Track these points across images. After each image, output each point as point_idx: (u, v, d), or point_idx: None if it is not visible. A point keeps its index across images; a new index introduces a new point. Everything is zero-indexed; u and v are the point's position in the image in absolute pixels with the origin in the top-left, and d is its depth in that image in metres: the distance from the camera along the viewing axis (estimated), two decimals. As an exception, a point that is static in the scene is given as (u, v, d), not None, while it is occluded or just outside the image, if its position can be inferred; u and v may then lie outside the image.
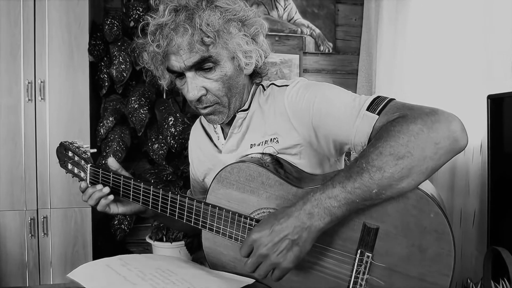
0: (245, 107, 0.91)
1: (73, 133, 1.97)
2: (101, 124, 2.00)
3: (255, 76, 0.92)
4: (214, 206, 0.81)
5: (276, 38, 2.57)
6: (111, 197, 0.93)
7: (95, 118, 2.10)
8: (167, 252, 1.96)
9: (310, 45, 2.64)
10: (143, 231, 2.37)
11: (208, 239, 0.86)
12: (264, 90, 0.91)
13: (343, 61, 2.73)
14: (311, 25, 2.63)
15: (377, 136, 0.68)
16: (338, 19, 2.70)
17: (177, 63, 0.81)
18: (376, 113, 0.72)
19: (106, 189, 0.92)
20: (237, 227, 0.79)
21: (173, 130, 1.91)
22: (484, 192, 1.70)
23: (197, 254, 1.92)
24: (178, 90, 0.91)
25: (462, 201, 1.83)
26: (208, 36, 0.78)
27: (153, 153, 1.97)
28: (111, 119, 2.00)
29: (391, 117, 0.69)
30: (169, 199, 0.87)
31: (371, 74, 2.59)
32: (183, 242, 1.90)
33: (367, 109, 0.73)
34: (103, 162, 1.95)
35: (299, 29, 2.61)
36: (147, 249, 2.38)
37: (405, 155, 0.63)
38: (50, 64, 1.94)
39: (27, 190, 1.94)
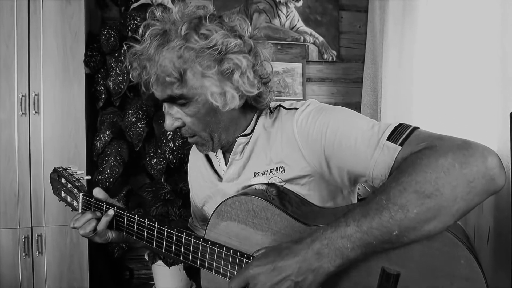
0: (247, 131, 0.83)
1: (69, 147, 1.89)
2: (98, 138, 1.93)
3: (256, 103, 0.81)
4: (213, 243, 0.73)
5: (279, 47, 2.50)
6: (111, 212, 0.86)
7: (92, 131, 2.03)
8: (167, 272, 1.88)
9: (313, 53, 2.57)
10: (142, 248, 2.28)
11: (207, 279, 0.78)
12: (271, 112, 0.83)
13: (347, 69, 2.65)
14: (314, 33, 2.56)
15: (400, 169, 0.59)
16: (342, 26, 2.63)
17: (155, 91, 0.77)
18: (398, 143, 0.63)
19: (111, 212, 0.86)
20: (238, 267, 0.71)
21: (171, 144, 1.83)
22: (499, 209, 1.62)
23: (196, 279, 1.84)
24: None
25: (475, 218, 1.75)
26: (172, 75, 0.72)
27: (152, 168, 1.89)
28: (108, 132, 1.93)
29: (416, 148, 0.61)
30: (165, 233, 0.79)
31: (377, 83, 2.52)
32: (181, 265, 1.81)
33: (388, 139, 0.64)
34: (98, 177, 1.88)
35: (302, 37, 2.54)
36: (147, 265, 2.30)
37: (433, 194, 0.54)
38: (45, 76, 1.87)
39: (21, 207, 1.86)
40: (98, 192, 0.89)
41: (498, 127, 1.66)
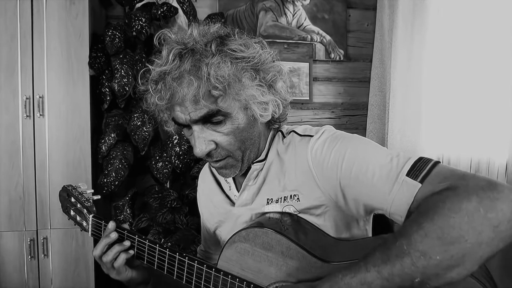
0: (262, 157, 0.80)
1: (74, 150, 1.88)
2: (103, 141, 1.91)
3: (273, 121, 0.81)
4: (226, 274, 0.72)
5: (285, 46, 2.45)
6: (132, 251, 0.83)
7: (97, 134, 2.01)
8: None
9: (320, 52, 2.53)
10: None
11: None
12: (284, 137, 0.81)
13: (355, 68, 2.61)
14: (321, 31, 2.52)
15: (421, 211, 0.56)
16: (350, 25, 2.58)
17: (182, 115, 0.71)
18: (418, 180, 0.60)
19: (127, 242, 0.83)
20: (252, 300, 0.70)
21: (177, 149, 1.81)
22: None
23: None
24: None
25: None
26: (217, 88, 0.67)
27: (157, 172, 1.88)
28: (113, 135, 1.91)
29: (438, 187, 0.58)
30: (176, 260, 0.77)
31: (385, 83, 2.48)
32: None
33: (407, 174, 0.62)
34: (103, 180, 1.86)
35: (309, 36, 2.49)
36: (152, 266, 2.30)
37: (457, 240, 0.52)
38: (49, 78, 1.84)
39: (26, 210, 1.86)
40: (111, 226, 0.85)
41: (509, 134, 1.64)
